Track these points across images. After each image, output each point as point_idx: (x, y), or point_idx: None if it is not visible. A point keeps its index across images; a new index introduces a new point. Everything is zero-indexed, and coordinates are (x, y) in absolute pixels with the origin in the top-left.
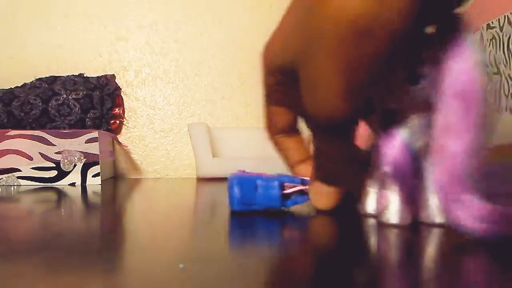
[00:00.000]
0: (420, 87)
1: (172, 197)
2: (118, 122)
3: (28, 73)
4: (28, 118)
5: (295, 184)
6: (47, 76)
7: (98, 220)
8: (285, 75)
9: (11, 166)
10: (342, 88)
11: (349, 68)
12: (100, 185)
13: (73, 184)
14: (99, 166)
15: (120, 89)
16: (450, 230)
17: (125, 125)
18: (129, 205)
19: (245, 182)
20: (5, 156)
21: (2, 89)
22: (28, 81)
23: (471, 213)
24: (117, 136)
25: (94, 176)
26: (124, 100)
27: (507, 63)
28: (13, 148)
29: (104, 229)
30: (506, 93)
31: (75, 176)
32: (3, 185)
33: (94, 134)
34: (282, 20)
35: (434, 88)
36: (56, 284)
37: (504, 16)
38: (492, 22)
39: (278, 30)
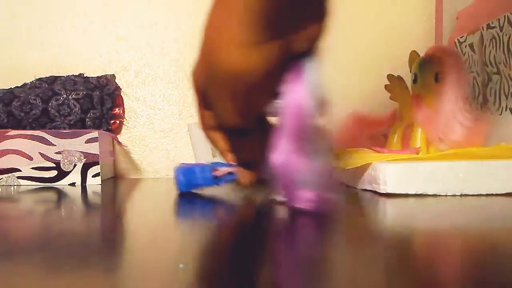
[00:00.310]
0: (279, 102)
1: (172, 197)
2: (118, 122)
3: (28, 73)
4: (28, 118)
5: (224, 168)
6: (47, 76)
7: (98, 220)
8: (202, 93)
9: (11, 166)
10: (230, 108)
11: (233, 97)
12: (100, 185)
13: (73, 184)
14: (99, 166)
15: (120, 89)
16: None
17: (125, 125)
18: (129, 205)
19: (186, 170)
20: (5, 156)
21: (2, 89)
22: (28, 81)
23: (302, 198)
24: (117, 136)
25: (94, 176)
26: (124, 100)
27: (507, 63)
28: (13, 148)
29: (104, 229)
30: (506, 93)
31: (75, 176)
32: (3, 185)
33: (94, 134)
34: (198, 54)
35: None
36: (56, 284)
37: (504, 16)
38: (492, 22)
39: (197, 61)
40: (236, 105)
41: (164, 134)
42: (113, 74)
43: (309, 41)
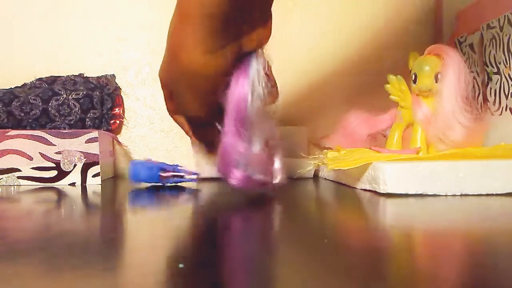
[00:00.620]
0: (228, 91)
1: (172, 197)
2: (118, 122)
3: (28, 73)
4: (28, 118)
5: (173, 171)
6: (47, 76)
7: (98, 220)
8: (168, 88)
9: (11, 166)
10: (193, 102)
11: (195, 93)
12: (100, 185)
13: (73, 184)
14: (99, 166)
15: (120, 89)
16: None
17: (125, 125)
18: (129, 205)
19: (140, 165)
20: (5, 156)
21: (2, 89)
22: (28, 81)
23: (235, 177)
24: (117, 136)
25: (94, 176)
26: (124, 100)
27: (507, 63)
28: (13, 148)
29: (104, 229)
30: (506, 93)
31: (75, 176)
32: (3, 185)
33: (94, 134)
34: (164, 55)
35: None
36: (56, 284)
37: (504, 16)
38: (492, 22)
39: (163, 60)
40: (197, 100)
41: (164, 134)
42: (113, 74)
43: (257, 42)
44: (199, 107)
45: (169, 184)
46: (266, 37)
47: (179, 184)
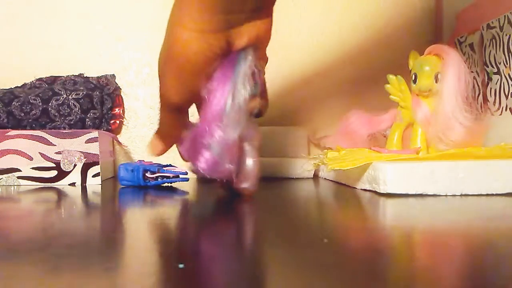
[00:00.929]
0: (210, 83)
1: (172, 197)
2: (118, 122)
3: (28, 73)
4: (28, 118)
5: (158, 172)
6: (47, 76)
7: (98, 220)
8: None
9: (11, 166)
10: (173, 86)
11: (177, 75)
12: (100, 185)
13: (73, 184)
14: (99, 166)
15: (120, 89)
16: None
17: (125, 125)
18: (129, 205)
19: (126, 167)
20: (5, 156)
21: (2, 89)
22: (28, 81)
23: (204, 159)
24: (117, 136)
25: (94, 176)
26: (124, 100)
27: (507, 63)
28: (13, 148)
29: (104, 229)
30: (506, 93)
31: (75, 176)
32: (3, 185)
33: (94, 134)
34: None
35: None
36: (56, 284)
37: (504, 16)
38: (492, 22)
39: (162, 47)
40: (178, 84)
41: None
42: (113, 74)
43: (248, 38)
44: (178, 92)
45: (155, 185)
46: (260, 36)
47: (171, 184)
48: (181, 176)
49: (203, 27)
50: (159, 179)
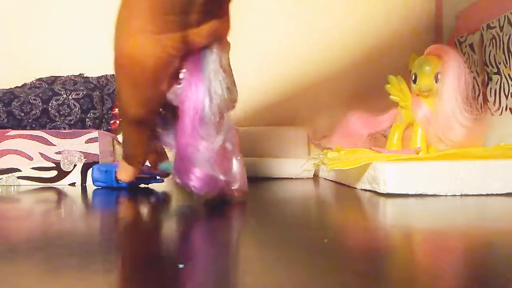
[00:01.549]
0: (180, 87)
1: (172, 197)
2: (118, 122)
3: (28, 73)
4: (28, 118)
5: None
6: (47, 76)
7: (98, 220)
8: None
9: (11, 166)
10: (131, 97)
11: (133, 85)
12: None
13: (73, 184)
14: None
15: None
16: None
17: None
18: (129, 205)
19: (100, 168)
20: (5, 156)
21: (2, 89)
22: (28, 81)
23: (197, 177)
24: (117, 136)
25: None
26: None
27: (507, 63)
28: (13, 148)
29: (104, 229)
30: (506, 93)
31: (75, 176)
32: (3, 185)
33: (94, 134)
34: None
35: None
36: (56, 284)
37: (504, 16)
38: (492, 22)
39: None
40: (136, 95)
41: None
42: (113, 74)
43: (208, 36)
44: (138, 102)
45: (129, 186)
46: (222, 33)
47: (147, 185)
48: (157, 177)
49: (155, 28)
50: (134, 180)
